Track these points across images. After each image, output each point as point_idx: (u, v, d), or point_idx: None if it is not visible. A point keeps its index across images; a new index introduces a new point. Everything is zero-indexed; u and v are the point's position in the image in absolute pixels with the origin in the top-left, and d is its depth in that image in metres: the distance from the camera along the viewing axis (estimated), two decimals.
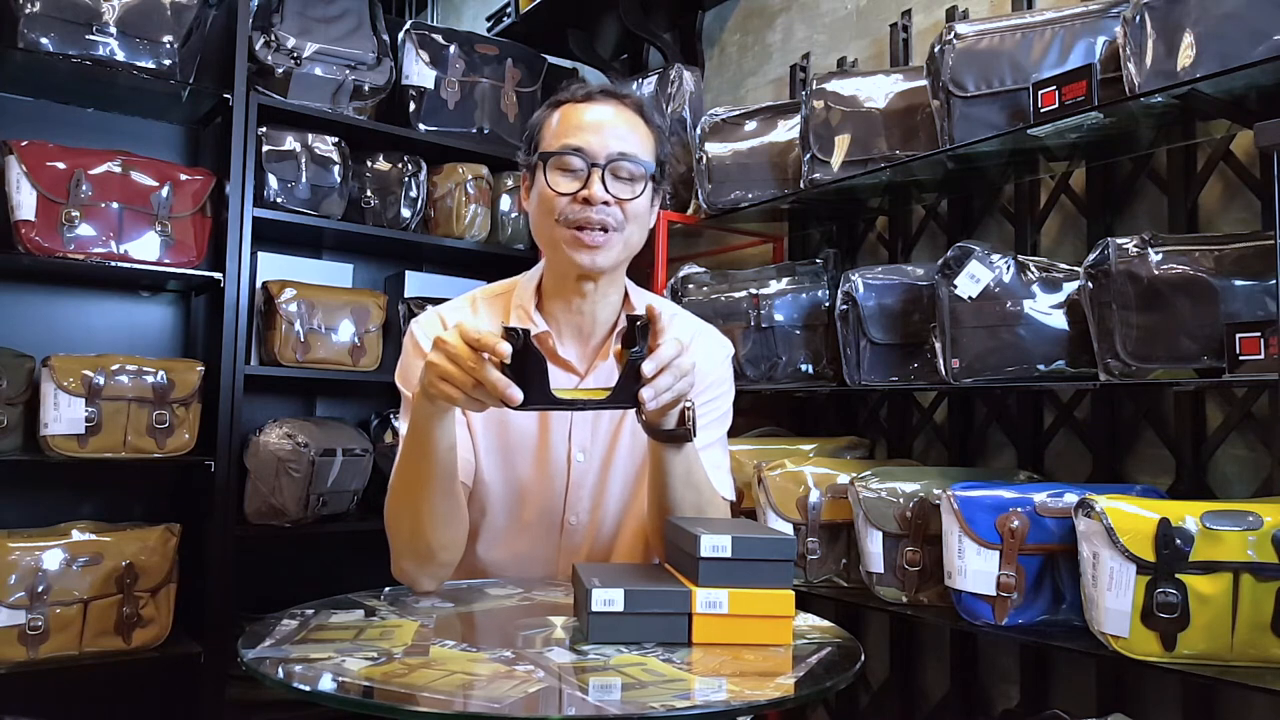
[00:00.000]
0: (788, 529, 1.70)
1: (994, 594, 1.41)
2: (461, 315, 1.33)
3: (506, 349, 0.96)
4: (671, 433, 1.11)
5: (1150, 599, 1.22)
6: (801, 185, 1.91)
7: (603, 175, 1.21)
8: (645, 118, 1.29)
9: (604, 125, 1.24)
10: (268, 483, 2.20)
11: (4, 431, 1.96)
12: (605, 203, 1.21)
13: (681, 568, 1.02)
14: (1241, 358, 1.24)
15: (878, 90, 1.83)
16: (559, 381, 1.29)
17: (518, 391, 0.97)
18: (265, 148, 2.27)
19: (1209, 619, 1.20)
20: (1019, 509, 1.41)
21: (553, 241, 1.24)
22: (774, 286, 1.99)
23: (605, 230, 1.22)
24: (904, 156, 1.75)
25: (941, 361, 1.61)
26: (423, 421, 1.06)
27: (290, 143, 2.31)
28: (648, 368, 0.99)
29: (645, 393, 0.99)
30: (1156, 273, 1.36)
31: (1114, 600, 1.24)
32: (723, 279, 2.07)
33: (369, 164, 2.48)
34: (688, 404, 1.10)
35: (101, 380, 1.99)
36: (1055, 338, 1.54)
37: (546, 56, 2.78)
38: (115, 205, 2.05)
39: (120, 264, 2.05)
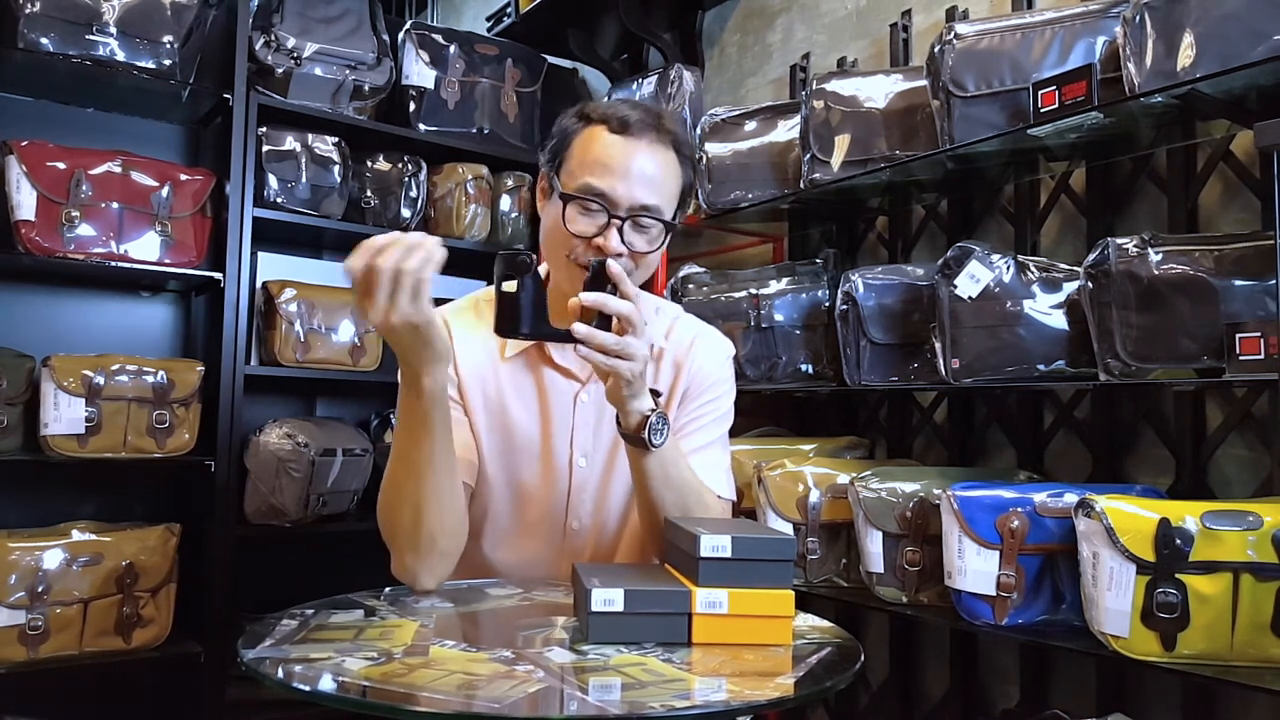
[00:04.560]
0: (788, 529, 1.70)
1: (994, 594, 1.41)
2: (464, 316, 1.33)
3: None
4: (629, 437, 1.12)
5: (1150, 599, 1.22)
6: (801, 185, 1.91)
7: (621, 227, 1.18)
8: (679, 151, 1.24)
9: (633, 169, 1.18)
10: (268, 483, 2.20)
11: (4, 431, 1.96)
12: (619, 254, 1.18)
13: (681, 568, 1.02)
14: (1241, 358, 1.24)
15: (878, 90, 1.83)
16: (560, 388, 1.30)
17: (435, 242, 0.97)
18: (265, 148, 2.27)
19: (1209, 619, 1.20)
20: (1019, 509, 1.41)
21: (559, 267, 1.24)
22: (774, 286, 1.99)
23: None
24: (904, 156, 1.75)
25: (941, 361, 1.61)
26: (404, 385, 1.06)
27: (290, 143, 2.31)
28: (587, 298, 1.00)
29: (577, 327, 0.99)
30: (1156, 273, 1.36)
31: (1114, 600, 1.24)
32: (723, 279, 2.07)
33: (369, 164, 2.48)
34: (652, 411, 1.10)
35: (101, 380, 1.99)
36: (1055, 338, 1.54)
37: (546, 56, 2.78)
38: (115, 205, 2.05)
39: (120, 264, 2.05)
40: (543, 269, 1.30)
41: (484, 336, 1.27)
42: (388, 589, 1.19)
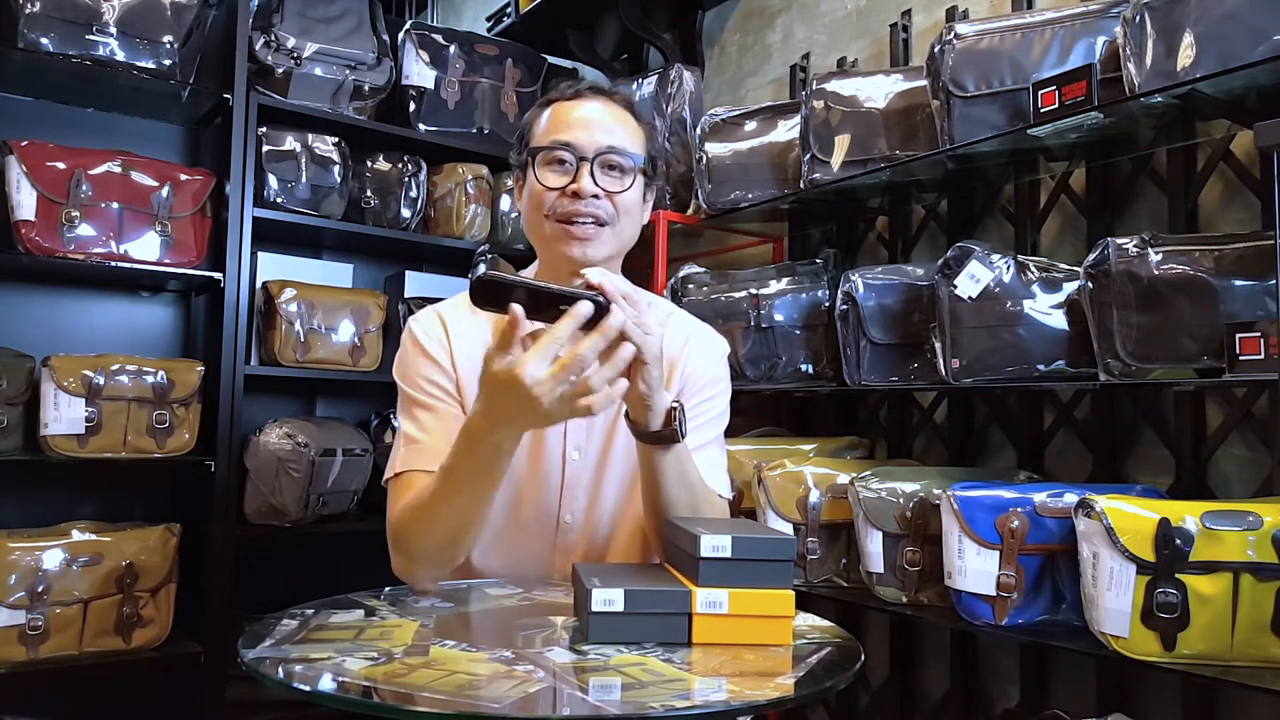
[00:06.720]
0: (788, 529, 1.70)
1: (994, 594, 1.41)
2: (460, 313, 1.33)
3: (587, 309, 0.95)
4: (658, 434, 1.11)
5: (1150, 599, 1.22)
6: (801, 185, 1.91)
7: (591, 168, 1.22)
8: (634, 114, 1.30)
9: (592, 121, 1.25)
10: (268, 483, 2.20)
11: (4, 431, 1.96)
12: (595, 196, 1.22)
13: (681, 568, 1.02)
14: (1241, 358, 1.24)
15: (878, 90, 1.83)
16: None
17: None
18: (265, 148, 2.27)
19: (1209, 619, 1.20)
20: (1019, 509, 1.41)
21: (543, 237, 1.25)
22: (774, 286, 1.99)
23: (599, 224, 1.23)
24: (904, 156, 1.75)
25: (941, 361, 1.61)
26: (490, 448, 1.05)
27: (290, 143, 2.31)
28: (592, 274, 0.98)
29: (605, 285, 0.98)
30: (1156, 273, 1.36)
31: (1114, 600, 1.24)
32: (723, 279, 2.07)
33: (369, 164, 2.48)
34: (675, 404, 1.11)
35: (101, 380, 1.99)
36: (1055, 338, 1.54)
37: (546, 56, 2.79)
38: (115, 205, 2.05)
39: (120, 264, 2.06)
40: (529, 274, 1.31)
41: (481, 333, 1.27)
42: (388, 589, 1.19)
